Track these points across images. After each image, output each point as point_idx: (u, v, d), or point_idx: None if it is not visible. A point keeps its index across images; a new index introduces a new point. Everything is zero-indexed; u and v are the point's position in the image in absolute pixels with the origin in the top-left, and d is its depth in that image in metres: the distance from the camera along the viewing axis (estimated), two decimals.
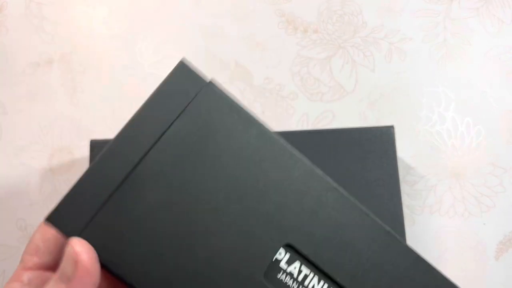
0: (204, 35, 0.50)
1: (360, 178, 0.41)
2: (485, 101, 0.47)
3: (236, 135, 0.24)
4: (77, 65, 0.50)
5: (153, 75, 0.49)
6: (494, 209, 0.45)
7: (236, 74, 0.49)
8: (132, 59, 0.50)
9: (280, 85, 0.49)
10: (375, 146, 0.42)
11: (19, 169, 0.48)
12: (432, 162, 0.46)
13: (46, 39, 0.51)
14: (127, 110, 0.49)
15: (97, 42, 0.51)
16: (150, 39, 0.50)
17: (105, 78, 0.50)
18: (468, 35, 0.49)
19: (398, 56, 0.49)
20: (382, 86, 0.48)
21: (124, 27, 0.51)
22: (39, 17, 0.51)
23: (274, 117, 0.48)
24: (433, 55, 0.48)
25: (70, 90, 0.50)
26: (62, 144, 0.48)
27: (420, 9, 0.49)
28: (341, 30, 0.49)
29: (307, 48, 0.49)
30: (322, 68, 0.49)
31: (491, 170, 0.46)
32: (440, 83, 0.48)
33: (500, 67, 0.48)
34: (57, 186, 0.47)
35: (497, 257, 0.44)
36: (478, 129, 0.47)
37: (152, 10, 0.51)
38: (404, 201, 0.45)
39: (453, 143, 0.46)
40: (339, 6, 0.50)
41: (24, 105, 0.49)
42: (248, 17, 0.50)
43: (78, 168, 0.48)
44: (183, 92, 0.25)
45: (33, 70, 0.50)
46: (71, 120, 0.49)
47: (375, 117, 0.47)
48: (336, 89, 0.48)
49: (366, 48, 0.49)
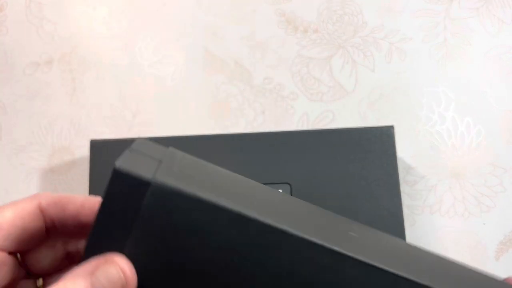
0: (204, 35, 0.50)
1: (360, 178, 0.41)
2: (485, 101, 0.47)
3: (206, 237, 0.20)
4: (77, 65, 0.50)
5: (153, 75, 0.49)
6: (494, 209, 0.45)
7: (236, 74, 0.49)
8: (132, 59, 0.50)
9: (280, 85, 0.49)
10: (375, 146, 0.42)
11: (19, 169, 0.48)
12: (432, 162, 0.46)
13: (46, 39, 0.51)
14: (127, 110, 0.49)
15: (97, 42, 0.51)
16: (150, 39, 0.50)
17: (105, 78, 0.50)
18: (468, 35, 0.49)
19: (398, 56, 0.49)
20: (382, 86, 0.48)
21: (124, 27, 0.51)
22: (39, 17, 0.51)
23: (274, 117, 0.48)
24: (433, 55, 0.48)
25: (70, 90, 0.50)
26: (62, 144, 0.48)
27: (420, 9, 0.49)
28: (341, 30, 0.49)
29: (307, 48, 0.49)
30: (322, 68, 0.49)
31: (491, 170, 0.46)
32: (440, 83, 0.48)
33: (500, 67, 0.48)
34: (57, 186, 0.47)
35: (497, 257, 0.44)
36: (478, 129, 0.46)
37: (152, 10, 0.51)
38: (404, 201, 0.45)
39: (453, 143, 0.46)
40: (339, 6, 0.50)
41: (24, 105, 0.49)
42: (248, 17, 0.50)
43: (78, 168, 0.48)
44: (122, 209, 0.19)
45: (33, 70, 0.50)
46: (71, 120, 0.49)
47: (375, 117, 0.47)
48: (336, 89, 0.48)
49: (366, 48, 0.49)
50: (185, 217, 0.19)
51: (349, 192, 0.41)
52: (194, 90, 0.49)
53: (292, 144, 0.42)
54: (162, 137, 0.43)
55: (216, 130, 0.48)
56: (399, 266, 0.20)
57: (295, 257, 0.20)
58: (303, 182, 0.41)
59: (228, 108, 0.48)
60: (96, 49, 0.50)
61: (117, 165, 0.19)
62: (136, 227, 0.19)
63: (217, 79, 0.49)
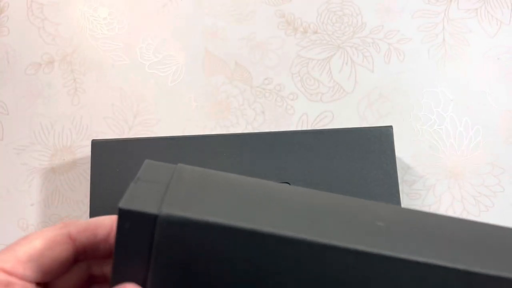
0: (204, 35, 0.50)
1: (359, 178, 0.41)
2: (484, 101, 0.47)
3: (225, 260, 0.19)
4: (78, 66, 0.50)
5: (154, 75, 0.50)
6: (493, 209, 0.45)
7: (236, 74, 0.49)
8: (133, 59, 0.50)
9: (280, 85, 0.49)
10: (374, 146, 0.42)
11: (20, 168, 0.48)
12: (431, 162, 0.46)
13: (48, 40, 0.51)
14: (128, 110, 0.49)
15: (98, 42, 0.51)
16: (150, 39, 0.51)
17: (106, 78, 0.50)
18: (467, 35, 0.49)
19: (397, 56, 0.49)
20: (381, 86, 0.48)
21: (124, 28, 0.51)
22: (41, 18, 0.52)
23: (274, 117, 0.48)
24: (432, 56, 0.49)
25: (71, 90, 0.50)
26: (63, 144, 0.49)
27: (419, 10, 0.50)
28: (340, 31, 0.50)
29: (307, 48, 0.50)
30: (321, 69, 0.49)
31: (489, 170, 0.46)
32: (439, 83, 0.48)
33: (499, 67, 0.48)
34: (58, 186, 0.48)
35: None
36: (477, 129, 0.47)
37: (153, 11, 0.51)
38: (403, 200, 0.45)
39: (452, 143, 0.47)
40: (338, 7, 0.50)
41: (25, 105, 0.50)
42: (248, 17, 0.51)
43: (79, 168, 0.48)
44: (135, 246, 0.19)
45: (34, 70, 0.50)
46: (72, 120, 0.49)
47: (374, 117, 0.48)
48: (336, 89, 0.49)
49: (365, 49, 0.49)
50: (199, 243, 0.19)
51: (349, 192, 0.41)
52: (194, 90, 0.49)
53: (291, 144, 0.42)
54: (162, 137, 0.43)
55: (216, 130, 0.48)
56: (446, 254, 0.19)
57: (320, 265, 0.19)
58: (302, 182, 0.41)
59: (228, 108, 0.49)
60: (97, 49, 0.51)
61: (121, 205, 0.19)
62: (153, 261, 0.19)
63: (217, 80, 0.49)
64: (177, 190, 0.20)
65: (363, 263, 0.19)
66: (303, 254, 0.19)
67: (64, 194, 0.48)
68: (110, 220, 0.24)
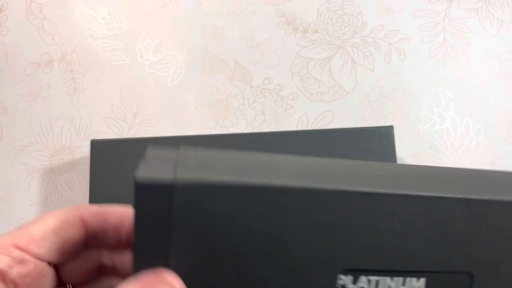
0: (204, 35, 0.50)
1: None
2: (485, 101, 0.47)
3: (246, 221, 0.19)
4: (78, 66, 0.50)
5: (154, 75, 0.49)
6: None
7: (236, 74, 0.49)
8: (133, 59, 0.50)
9: (280, 85, 0.49)
10: (374, 146, 0.42)
11: (20, 168, 0.48)
12: (431, 162, 0.46)
13: (47, 40, 0.51)
14: (128, 110, 0.49)
15: (97, 42, 0.51)
16: (150, 39, 0.51)
17: (106, 78, 0.50)
18: (468, 35, 0.49)
19: (398, 56, 0.49)
20: (382, 86, 0.48)
21: (124, 28, 0.51)
22: (40, 18, 0.51)
23: (274, 117, 0.48)
24: (432, 55, 0.48)
25: (70, 90, 0.50)
26: (63, 144, 0.49)
27: (420, 10, 0.50)
28: (340, 31, 0.50)
29: (307, 48, 0.50)
30: (321, 68, 0.49)
31: None
32: (440, 83, 0.48)
33: (500, 67, 0.48)
34: (57, 186, 0.48)
35: None
36: (478, 129, 0.47)
37: (152, 11, 0.51)
38: None
39: (453, 143, 0.47)
40: (338, 6, 0.50)
41: (25, 105, 0.50)
42: (248, 17, 0.51)
43: (78, 168, 0.48)
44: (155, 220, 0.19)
45: (34, 70, 0.50)
46: (71, 120, 0.49)
47: (375, 117, 0.47)
48: (336, 89, 0.48)
49: (366, 48, 0.49)
50: (218, 207, 0.19)
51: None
52: (194, 90, 0.49)
53: (292, 144, 0.42)
54: (162, 137, 0.43)
55: (216, 130, 0.48)
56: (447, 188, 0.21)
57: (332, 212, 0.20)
58: None
59: (228, 108, 0.48)
60: (97, 49, 0.51)
61: (137, 177, 0.18)
62: (174, 233, 0.19)
63: (217, 79, 0.49)
64: (186, 161, 0.21)
65: (371, 204, 0.20)
66: (314, 204, 0.20)
67: (64, 194, 0.48)
68: (121, 209, 0.24)
